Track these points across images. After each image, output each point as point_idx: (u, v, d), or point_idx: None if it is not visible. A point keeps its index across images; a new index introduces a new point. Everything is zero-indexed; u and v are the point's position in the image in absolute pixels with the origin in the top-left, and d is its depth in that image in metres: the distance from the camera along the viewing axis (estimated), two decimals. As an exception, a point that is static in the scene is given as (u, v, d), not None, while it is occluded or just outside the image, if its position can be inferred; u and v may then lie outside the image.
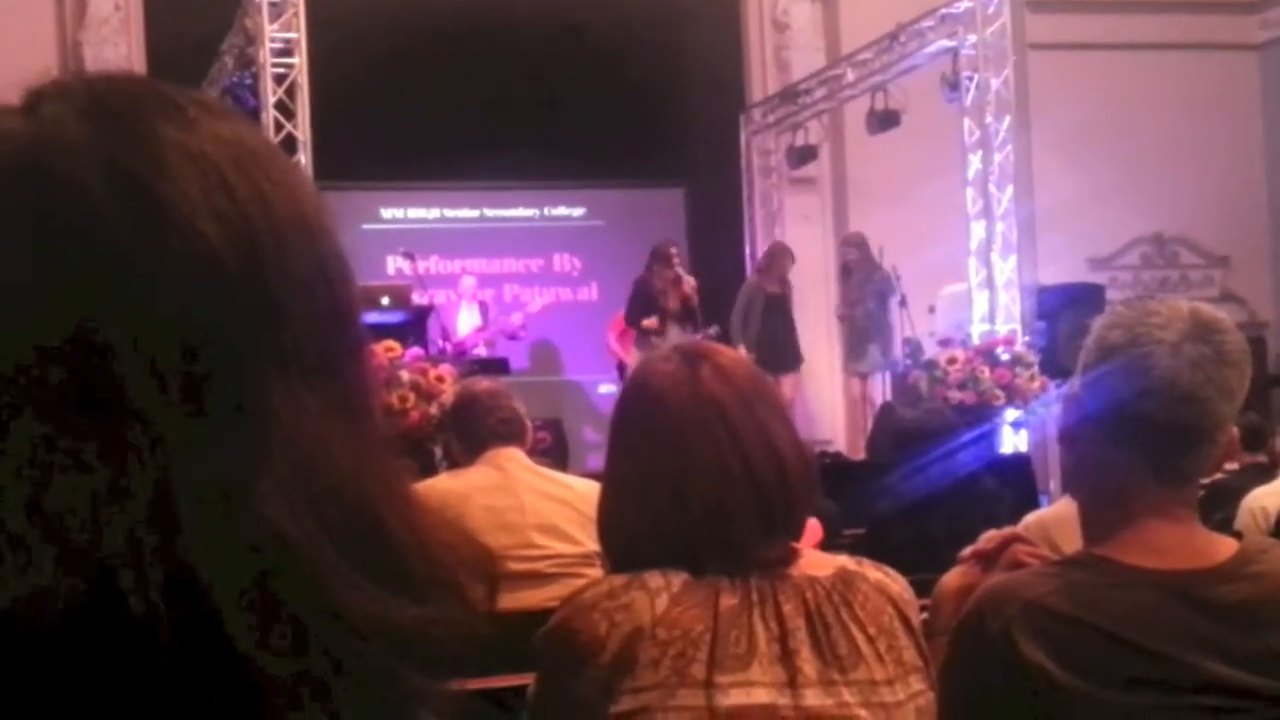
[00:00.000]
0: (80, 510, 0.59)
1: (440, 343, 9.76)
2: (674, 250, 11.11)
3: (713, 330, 10.83)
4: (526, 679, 1.90)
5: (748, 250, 12.50)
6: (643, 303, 10.95)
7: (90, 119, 0.65)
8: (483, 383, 4.39)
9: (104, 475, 0.59)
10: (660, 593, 1.73)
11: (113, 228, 0.61)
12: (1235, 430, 1.83)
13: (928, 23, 10.84)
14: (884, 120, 11.27)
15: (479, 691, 2.67)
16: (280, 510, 0.60)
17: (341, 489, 0.63)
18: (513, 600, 3.62)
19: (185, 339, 0.61)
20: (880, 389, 11.20)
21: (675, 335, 10.74)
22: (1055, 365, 9.55)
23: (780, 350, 11.13)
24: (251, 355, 0.62)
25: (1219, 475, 5.14)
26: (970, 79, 10.50)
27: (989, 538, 2.01)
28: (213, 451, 0.60)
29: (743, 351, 10.43)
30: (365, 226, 12.71)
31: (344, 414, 0.65)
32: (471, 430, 4.06)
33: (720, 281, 12.02)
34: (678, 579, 1.74)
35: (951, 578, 2.01)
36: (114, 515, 0.59)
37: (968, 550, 2.02)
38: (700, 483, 1.79)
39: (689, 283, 10.91)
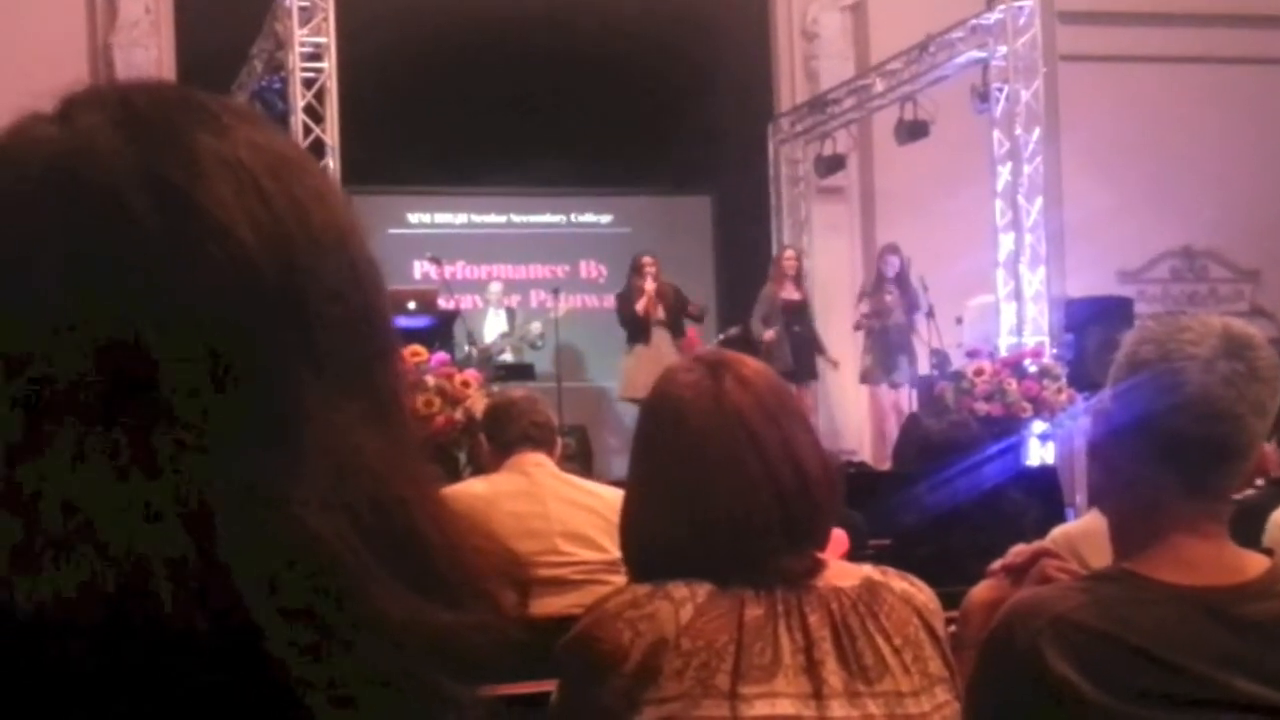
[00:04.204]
0: (115, 512, 0.59)
1: (466, 347, 9.79)
2: (646, 260, 11.34)
3: (733, 331, 10.88)
4: (550, 685, 1.90)
5: (775, 257, 12.50)
6: (623, 311, 11.42)
7: (125, 127, 0.65)
8: (518, 391, 4.43)
9: (139, 478, 0.59)
10: (685, 603, 1.72)
11: (149, 234, 0.62)
12: (1268, 447, 1.81)
13: (958, 33, 10.82)
14: (913, 131, 11.26)
15: (502, 697, 2.66)
16: (315, 514, 0.60)
17: (376, 493, 0.63)
18: (538, 606, 3.63)
19: (221, 344, 0.61)
20: (906, 400, 11.18)
21: (659, 339, 11.08)
22: (1083, 378, 9.51)
23: (800, 360, 11.17)
24: (286, 360, 0.63)
25: (1249, 492, 5.09)
26: (1000, 90, 10.48)
27: (1018, 551, 2.00)
28: (248, 455, 0.61)
29: (770, 335, 10.54)
30: (392, 231, 12.75)
31: (377, 418, 0.65)
32: (502, 432, 4.08)
33: (746, 290, 12.02)
34: (702, 589, 1.74)
35: (980, 591, 2.01)
36: (149, 518, 0.59)
37: (997, 564, 2.01)
38: (724, 494, 1.78)
39: (650, 291, 11.25)
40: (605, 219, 13.77)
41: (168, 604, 0.58)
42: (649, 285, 11.24)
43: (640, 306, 11.23)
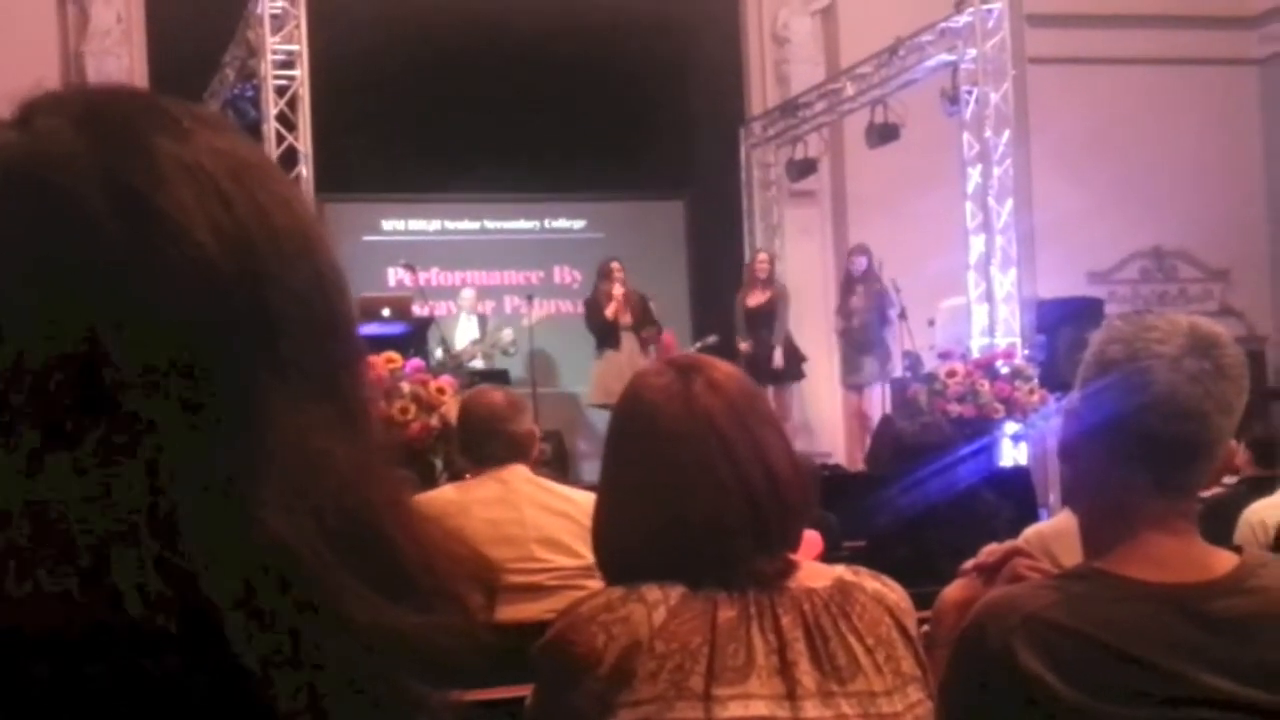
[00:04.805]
0: (79, 517, 0.59)
1: (438, 353, 9.77)
2: (614, 265, 11.36)
3: (711, 339, 10.90)
4: (525, 690, 1.90)
5: (747, 263, 12.53)
6: (592, 317, 11.48)
7: (85, 131, 0.65)
8: (494, 394, 4.25)
9: (103, 483, 0.59)
10: (658, 605, 1.73)
11: (109, 239, 0.62)
12: (1235, 444, 1.83)
13: (927, 37, 10.86)
14: (883, 134, 11.30)
15: (478, 702, 2.67)
16: (281, 517, 0.61)
17: (342, 497, 0.63)
18: (513, 612, 3.61)
19: (183, 348, 0.61)
20: (880, 402, 11.21)
21: (628, 345, 11.11)
22: (1054, 378, 9.56)
23: (768, 364, 11.20)
24: (249, 364, 0.63)
25: (1217, 490, 5.13)
26: (970, 93, 10.52)
27: (990, 551, 2.01)
28: (212, 459, 0.61)
29: (746, 346, 10.82)
30: (366, 238, 12.73)
31: (343, 423, 0.65)
32: (479, 448, 4.01)
33: (719, 294, 12.04)
34: (675, 592, 1.74)
35: (952, 590, 2.01)
36: (113, 523, 0.59)
37: (969, 563, 2.02)
38: (695, 497, 1.79)
39: (619, 296, 11.34)
40: (578, 224, 13.78)
41: (135, 608, 0.58)
42: (617, 290, 11.28)
43: (610, 311, 11.26)
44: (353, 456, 0.65)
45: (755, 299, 11.53)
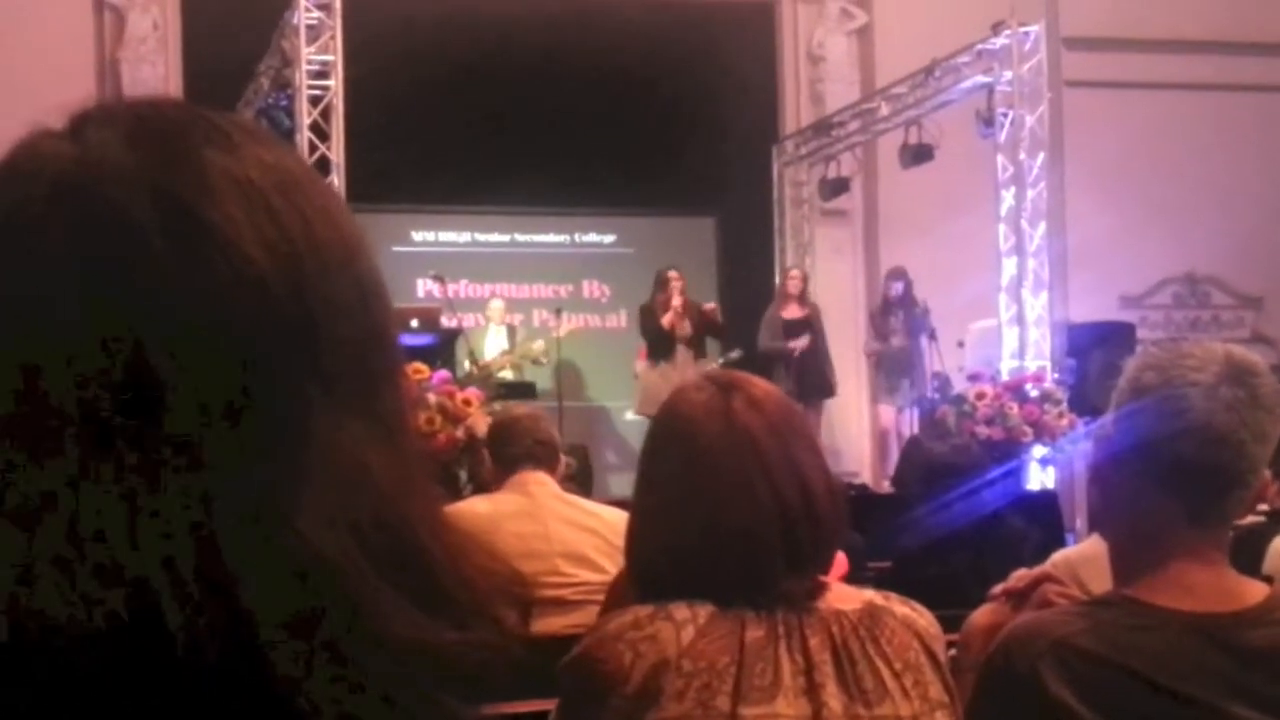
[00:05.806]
0: (120, 529, 0.59)
1: (466, 364, 9.79)
2: (673, 275, 11.25)
3: (735, 354, 10.87)
4: (549, 704, 1.90)
5: (778, 281, 12.51)
6: (647, 324, 11.29)
7: (136, 144, 0.65)
8: (522, 407, 4.41)
9: (144, 494, 0.60)
10: (686, 624, 1.72)
11: (158, 251, 0.62)
12: (1268, 475, 1.81)
13: (963, 58, 10.84)
14: (917, 154, 11.27)
15: (498, 715, 2.67)
16: (321, 531, 0.61)
17: (382, 511, 0.63)
18: (538, 625, 3.63)
19: (228, 360, 0.61)
20: (908, 422, 11.18)
21: (683, 357, 10.92)
22: (1084, 403, 9.51)
23: (806, 378, 11.14)
24: (294, 377, 0.63)
25: (1250, 519, 5.08)
26: (1005, 115, 10.49)
27: (1020, 576, 2.01)
28: (254, 472, 0.61)
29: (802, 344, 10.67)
30: (396, 249, 12.76)
31: (384, 436, 0.66)
32: (506, 449, 4.09)
33: (749, 312, 12.02)
34: (704, 610, 1.74)
35: (981, 615, 2.01)
36: (153, 535, 0.59)
37: (998, 588, 2.01)
38: (729, 514, 1.78)
39: (677, 307, 11.17)
40: (609, 239, 13.78)
41: (173, 622, 0.59)
42: (675, 300, 11.19)
43: (666, 321, 11.15)
44: (392, 470, 0.65)
45: (792, 313, 11.49)
